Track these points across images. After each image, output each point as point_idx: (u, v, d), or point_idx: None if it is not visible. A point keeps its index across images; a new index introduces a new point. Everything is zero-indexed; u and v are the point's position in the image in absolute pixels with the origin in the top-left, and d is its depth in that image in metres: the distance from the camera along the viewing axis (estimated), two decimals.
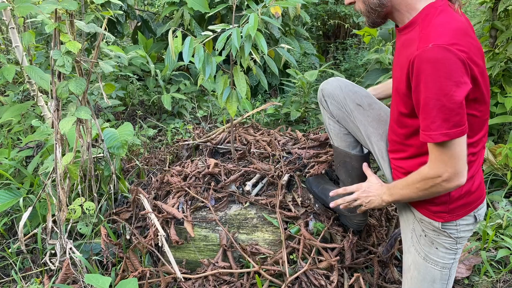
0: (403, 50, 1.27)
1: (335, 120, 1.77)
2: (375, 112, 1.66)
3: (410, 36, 1.25)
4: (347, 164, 1.79)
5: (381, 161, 1.66)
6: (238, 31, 2.00)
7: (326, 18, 6.55)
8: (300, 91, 3.92)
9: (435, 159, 1.21)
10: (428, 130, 1.17)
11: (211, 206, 1.90)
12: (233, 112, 2.17)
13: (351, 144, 1.78)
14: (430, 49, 1.11)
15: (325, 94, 1.77)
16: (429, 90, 1.13)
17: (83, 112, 1.80)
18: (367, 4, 1.31)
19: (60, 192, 1.84)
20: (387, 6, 1.29)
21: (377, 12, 1.31)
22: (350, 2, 1.38)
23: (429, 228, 1.41)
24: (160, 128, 3.76)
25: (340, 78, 1.79)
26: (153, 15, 4.96)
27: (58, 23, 1.70)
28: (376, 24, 1.37)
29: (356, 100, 1.69)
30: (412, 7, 1.26)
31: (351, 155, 1.77)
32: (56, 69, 1.71)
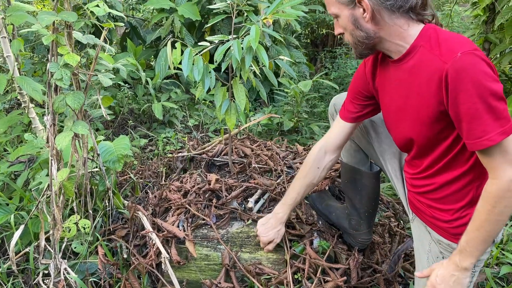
0: (415, 76, 1.24)
1: None
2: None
3: (418, 60, 1.22)
4: (356, 181, 1.77)
5: (394, 180, 1.63)
6: (239, 43, 1.96)
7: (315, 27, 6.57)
8: (292, 100, 3.90)
9: (500, 164, 1.13)
10: (485, 134, 1.10)
11: (213, 224, 1.85)
12: (232, 125, 2.13)
13: (361, 161, 1.76)
14: (460, 58, 1.09)
15: (338, 108, 1.73)
16: (472, 96, 1.09)
17: (80, 127, 1.73)
18: (354, 36, 1.29)
19: (55, 210, 1.76)
20: (375, 38, 1.26)
21: (364, 44, 1.28)
22: (339, 33, 1.35)
23: (448, 250, 1.37)
24: (150, 138, 3.68)
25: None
26: (142, 21, 4.88)
27: (56, 35, 1.63)
28: (363, 55, 1.35)
29: None
30: (405, 35, 1.24)
31: (362, 172, 1.74)
32: (54, 82, 1.64)
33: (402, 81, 1.30)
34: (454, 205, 1.32)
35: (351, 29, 1.27)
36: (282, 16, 2.09)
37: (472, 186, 1.28)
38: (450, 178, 1.30)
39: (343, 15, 1.27)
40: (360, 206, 1.78)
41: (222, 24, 4.66)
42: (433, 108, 1.20)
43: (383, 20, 1.23)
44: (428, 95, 1.20)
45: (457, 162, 1.27)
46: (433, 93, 1.18)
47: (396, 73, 1.32)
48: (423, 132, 1.27)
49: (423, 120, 1.24)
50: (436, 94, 1.17)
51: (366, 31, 1.25)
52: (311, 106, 4.44)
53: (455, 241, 1.33)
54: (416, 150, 1.35)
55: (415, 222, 1.51)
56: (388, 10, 1.21)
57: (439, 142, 1.26)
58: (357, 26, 1.26)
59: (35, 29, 1.74)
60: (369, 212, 1.79)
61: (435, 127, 1.23)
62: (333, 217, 1.90)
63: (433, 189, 1.35)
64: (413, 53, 1.24)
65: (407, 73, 1.27)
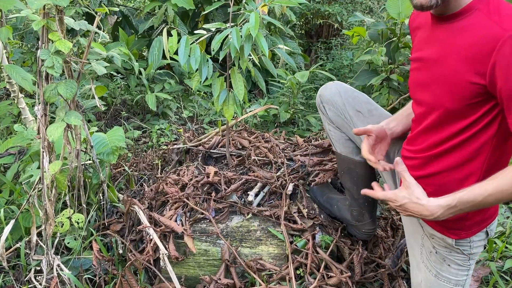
0: (458, 38, 1.14)
1: (334, 126, 1.68)
2: (375, 119, 1.58)
3: (468, 22, 1.12)
4: (351, 171, 1.71)
5: (383, 172, 1.58)
6: (237, 31, 1.89)
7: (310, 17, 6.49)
8: (288, 91, 3.83)
9: None
10: None
11: (212, 218, 1.79)
12: (230, 116, 2.07)
13: (353, 150, 1.70)
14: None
15: (324, 100, 1.68)
16: None
17: (73, 117, 1.65)
18: None
19: (47, 204, 1.69)
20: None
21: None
22: None
23: (441, 244, 1.33)
24: (144, 130, 3.60)
25: (338, 82, 1.70)
26: (134, 10, 4.76)
27: (46, 20, 1.54)
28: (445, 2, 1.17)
29: (356, 106, 1.60)
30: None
31: (355, 162, 1.69)
32: (44, 70, 1.56)
33: (445, 40, 1.19)
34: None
35: None
36: (283, 3, 2.02)
37: (474, 177, 1.21)
38: (453, 164, 1.23)
39: None
40: (359, 197, 1.73)
41: (216, 13, 4.57)
42: (470, 77, 1.11)
43: None
44: (470, 61, 1.10)
45: (466, 146, 1.19)
46: (477, 60, 1.08)
47: (439, 31, 1.22)
48: (447, 101, 1.18)
49: (454, 89, 1.15)
50: (480, 62, 1.08)
51: None
52: (306, 98, 4.38)
53: (450, 235, 1.29)
54: (430, 120, 1.25)
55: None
56: None
57: (457, 119, 1.17)
58: None
59: (25, 14, 1.65)
60: (368, 202, 1.74)
61: (464, 100, 1.14)
62: (335, 210, 1.85)
63: (432, 173, 1.28)
64: (467, 14, 1.14)
65: (454, 33, 1.16)
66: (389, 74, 3.44)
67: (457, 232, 1.29)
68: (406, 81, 3.43)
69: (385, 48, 3.36)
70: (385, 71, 3.45)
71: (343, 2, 6.31)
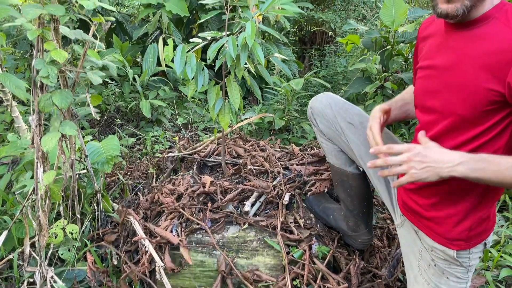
0: (475, 46, 1.13)
1: (326, 138, 1.68)
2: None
3: (486, 30, 1.12)
4: (344, 183, 1.71)
5: (376, 183, 1.58)
6: (234, 40, 1.89)
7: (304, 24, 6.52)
8: (283, 98, 3.84)
9: None
10: None
11: (208, 228, 1.77)
12: (226, 125, 2.06)
13: (346, 161, 1.69)
14: None
15: (315, 112, 1.68)
16: None
17: (68, 127, 1.63)
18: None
19: (40, 215, 1.66)
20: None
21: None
22: None
23: (440, 257, 1.32)
24: (138, 137, 3.58)
25: (329, 94, 1.69)
26: (128, 17, 4.75)
27: (42, 29, 1.53)
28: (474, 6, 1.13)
29: (347, 118, 1.60)
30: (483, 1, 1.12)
31: (348, 173, 1.69)
32: (39, 80, 1.54)
33: (460, 48, 1.18)
34: (458, 205, 1.24)
35: None
36: (279, 12, 2.02)
37: (484, 186, 1.19)
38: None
39: None
40: (353, 208, 1.73)
41: (211, 20, 4.57)
42: (487, 84, 1.09)
43: None
44: (487, 69, 1.09)
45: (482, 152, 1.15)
46: (496, 68, 1.07)
47: (453, 38, 1.21)
48: (460, 108, 1.16)
49: (469, 96, 1.14)
50: (498, 70, 1.07)
51: None
52: (301, 105, 4.39)
53: (451, 247, 1.28)
54: (441, 128, 1.23)
55: (404, 227, 1.46)
56: None
57: (470, 126, 1.16)
58: None
59: (19, 23, 1.63)
60: (363, 213, 1.74)
61: (479, 107, 1.12)
62: (331, 220, 1.84)
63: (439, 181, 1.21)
64: (484, 22, 1.13)
65: (470, 40, 1.15)
66: (383, 82, 3.46)
67: (459, 243, 1.28)
68: (400, 88, 3.45)
69: (379, 56, 3.37)
70: (379, 79, 3.47)
71: (336, 9, 6.34)
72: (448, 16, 1.14)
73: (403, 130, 3.32)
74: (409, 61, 3.83)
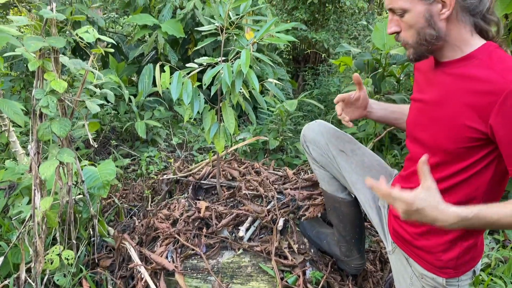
0: (459, 84, 1.17)
1: (319, 165, 1.72)
2: (358, 158, 1.62)
3: (470, 70, 1.16)
4: (337, 209, 1.74)
5: (368, 210, 1.61)
6: (229, 67, 1.93)
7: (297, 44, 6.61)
8: (277, 118, 3.89)
9: None
10: None
11: (203, 254, 1.80)
12: (221, 149, 2.09)
13: (339, 188, 1.73)
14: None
15: (307, 140, 1.72)
16: None
17: (66, 154, 1.66)
18: (421, 35, 1.18)
19: (37, 242, 1.68)
20: (442, 40, 1.19)
21: (430, 44, 1.19)
22: (394, 32, 1.24)
23: (430, 284, 1.35)
24: (133, 157, 3.60)
25: (321, 122, 1.74)
26: (124, 37, 4.81)
27: (42, 60, 1.56)
28: (422, 57, 1.25)
29: (338, 146, 1.64)
30: (466, 43, 1.18)
31: (339, 200, 1.72)
32: (39, 109, 1.57)
33: (444, 85, 1.22)
34: (446, 235, 1.28)
35: (421, 27, 1.18)
36: (273, 40, 2.07)
37: None
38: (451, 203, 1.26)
39: (416, 10, 1.17)
40: (346, 234, 1.76)
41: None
42: (469, 123, 1.13)
43: (457, 21, 1.17)
44: (471, 108, 1.13)
45: (462, 188, 1.22)
46: (479, 109, 1.11)
47: (440, 74, 1.25)
48: (444, 143, 1.21)
49: (451, 132, 1.18)
50: (481, 111, 1.11)
51: (439, 30, 1.17)
52: (295, 124, 4.44)
53: (441, 275, 1.31)
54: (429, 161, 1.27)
55: (395, 254, 1.49)
56: (465, 9, 1.15)
57: (455, 160, 1.20)
58: (430, 24, 1.16)
59: (19, 53, 1.67)
60: (355, 238, 1.77)
61: (461, 143, 1.17)
62: (325, 245, 1.87)
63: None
64: (467, 61, 1.18)
65: (452, 79, 1.20)
66: None
67: (448, 271, 1.31)
68: None
69: (370, 79, 3.44)
70: None
71: (329, 29, 6.46)
72: (410, 60, 1.24)
73: (395, 151, 3.37)
74: (401, 82, 3.91)
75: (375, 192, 1.19)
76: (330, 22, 6.49)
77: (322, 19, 6.65)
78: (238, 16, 2.12)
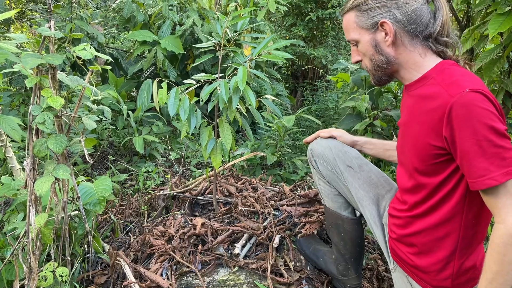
0: (418, 104, 1.24)
1: (325, 181, 1.72)
2: (366, 175, 1.63)
3: (425, 90, 1.23)
4: (339, 227, 1.74)
5: (373, 227, 1.61)
6: (226, 84, 1.95)
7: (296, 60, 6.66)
8: (275, 134, 3.90)
9: (506, 206, 1.07)
10: (487, 173, 1.07)
11: (198, 271, 1.78)
12: (218, 165, 2.09)
13: (342, 205, 1.73)
14: (467, 93, 1.08)
15: (315, 154, 1.73)
16: (478, 132, 1.06)
17: (61, 171, 1.66)
18: (374, 61, 1.32)
19: (31, 259, 1.67)
20: (394, 63, 1.30)
21: (383, 69, 1.32)
22: (357, 61, 1.38)
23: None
24: (131, 172, 3.59)
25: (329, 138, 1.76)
26: (124, 53, 4.85)
27: (39, 77, 1.58)
28: (382, 82, 1.37)
29: (346, 161, 1.65)
30: (419, 64, 1.27)
31: (343, 218, 1.72)
32: (35, 125, 1.58)
33: (409, 107, 1.31)
34: (436, 254, 1.30)
35: (371, 54, 1.31)
36: (269, 58, 2.09)
37: (454, 236, 1.26)
38: (433, 223, 1.28)
39: (364, 40, 1.30)
40: (345, 252, 1.75)
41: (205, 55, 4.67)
42: (429, 140, 1.19)
43: (403, 46, 1.26)
44: (428, 126, 1.19)
45: (442, 206, 1.25)
46: (434, 125, 1.16)
47: (406, 99, 1.34)
48: (415, 162, 1.26)
49: (418, 151, 1.24)
50: (436, 127, 1.16)
51: (387, 55, 1.28)
52: (293, 139, 4.45)
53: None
54: (408, 182, 1.34)
55: (396, 272, 1.49)
56: (409, 35, 1.25)
57: (429, 177, 1.25)
58: (378, 50, 1.29)
59: (17, 69, 1.69)
60: (355, 258, 1.76)
61: (428, 160, 1.22)
62: (321, 263, 1.86)
63: (415, 232, 1.33)
64: (423, 82, 1.25)
65: (413, 100, 1.27)
66: (373, 120, 3.54)
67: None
68: (389, 126, 3.52)
69: (367, 95, 3.46)
70: (369, 116, 3.54)
71: (327, 45, 6.52)
72: (375, 85, 1.39)
73: (393, 166, 3.38)
74: (398, 98, 3.94)
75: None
76: (328, 38, 6.56)
77: (320, 36, 6.72)
78: (236, 34, 2.14)
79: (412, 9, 1.23)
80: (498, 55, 2.52)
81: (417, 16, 1.23)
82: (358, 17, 1.30)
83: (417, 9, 1.24)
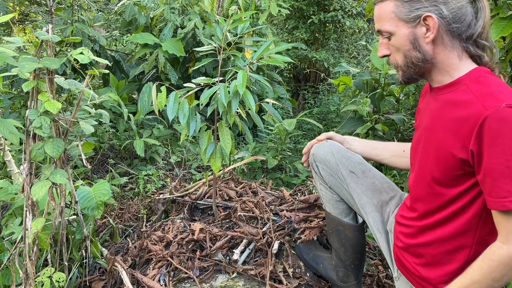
0: (446, 110, 1.18)
1: (327, 187, 1.70)
2: (369, 181, 1.60)
3: (456, 96, 1.16)
4: (340, 233, 1.72)
5: (376, 234, 1.59)
6: (225, 88, 1.93)
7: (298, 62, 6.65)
8: (276, 137, 3.88)
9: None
10: (510, 195, 1.02)
11: (196, 278, 1.76)
12: (217, 169, 2.08)
13: (344, 212, 1.71)
14: (504, 108, 1.01)
15: (317, 159, 1.70)
16: (507, 152, 1.01)
17: (59, 175, 1.64)
18: (408, 57, 1.21)
19: (28, 264, 1.65)
20: (430, 62, 1.20)
21: (417, 67, 1.21)
22: (384, 55, 1.27)
23: None
24: (131, 176, 3.58)
25: (332, 142, 1.73)
26: (125, 55, 4.85)
27: (36, 81, 1.56)
28: (411, 80, 1.27)
29: (349, 166, 1.62)
30: (455, 67, 1.19)
31: (344, 224, 1.70)
32: (32, 130, 1.56)
33: (434, 111, 1.23)
34: (445, 267, 1.26)
35: (407, 49, 1.20)
36: (269, 61, 2.08)
37: (466, 250, 1.22)
38: (445, 235, 1.24)
39: (401, 33, 1.19)
40: (346, 258, 1.73)
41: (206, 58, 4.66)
42: (453, 150, 1.13)
43: (443, 45, 1.18)
44: (454, 135, 1.13)
45: (457, 219, 1.20)
46: (461, 135, 1.10)
47: (430, 101, 1.27)
48: (434, 171, 1.20)
49: (439, 159, 1.18)
50: (463, 138, 1.10)
51: (424, 53, 1.19)
52: (294, 142, 4.43)
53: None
54: (420, 189, 1.28)
55: (400, 281, 1.46)
56: (450, 34, 1.17)
57: (446, 187, 1.19)
58: (415, 46, 1.19)
59: (15, 73, 1.67)
60: (355, 264, 1.74)
61: (449, 171, 1.16)
62: (321, 269, 1.84)
63: (424, 243, 1.30)
64: (455, 87, 1.18)
65: (440, 104, 1.21)
66: (374, 124, 3.51)
67: None
68: (390, 129, 3.50)
69: (369, 99, 3.44)
70: (370, 120, 3.52)
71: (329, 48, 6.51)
72: (401, 83, 1.27)
73: (394, 171, 3.35)
74: (400, 102, 3.92)
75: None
76: (330, 41, 6.54)
77: (322, 39, 6.70)
78: (236, 37, 2.13)
79: (459, 6, 1.15)
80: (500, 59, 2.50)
81: (462, 14, 1.15)
82: (398, 7, 1.18)
83: (463, 7, 1.15)
